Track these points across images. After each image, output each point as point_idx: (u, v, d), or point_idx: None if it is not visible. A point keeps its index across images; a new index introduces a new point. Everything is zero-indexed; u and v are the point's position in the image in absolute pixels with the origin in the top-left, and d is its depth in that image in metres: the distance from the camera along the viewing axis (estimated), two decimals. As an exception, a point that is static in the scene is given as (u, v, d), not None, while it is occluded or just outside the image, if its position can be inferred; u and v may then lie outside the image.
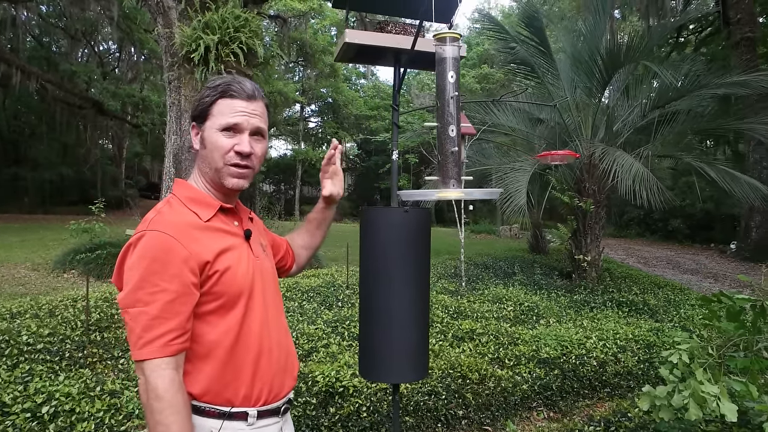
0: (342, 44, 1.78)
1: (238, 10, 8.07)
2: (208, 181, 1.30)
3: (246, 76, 8.71)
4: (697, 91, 7.27)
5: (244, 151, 1.25)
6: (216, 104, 1.25)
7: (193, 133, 1.32)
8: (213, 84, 1.28)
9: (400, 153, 1.94)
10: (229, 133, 1.25)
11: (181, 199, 1.26)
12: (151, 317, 1.10)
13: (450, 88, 1.49)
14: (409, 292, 1.72)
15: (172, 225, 1.17)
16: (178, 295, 1.12)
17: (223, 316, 1.21)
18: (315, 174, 29.06)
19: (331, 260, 9.77)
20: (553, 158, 2.24)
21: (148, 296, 1.10)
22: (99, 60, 24.02)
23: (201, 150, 1.29)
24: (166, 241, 1.13)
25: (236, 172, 1.26)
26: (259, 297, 1.29)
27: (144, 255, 1.13)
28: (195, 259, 1.15)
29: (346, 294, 5.78)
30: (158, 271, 1.11)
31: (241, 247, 1.29)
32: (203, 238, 1.20)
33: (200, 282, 1.17)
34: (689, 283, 9.20)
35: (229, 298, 1.21)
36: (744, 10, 13.26)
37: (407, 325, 1.72)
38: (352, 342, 4.06)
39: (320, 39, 25.63)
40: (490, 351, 4.04)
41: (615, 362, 4.12)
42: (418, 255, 1.74)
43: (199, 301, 1.17)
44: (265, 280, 1.34)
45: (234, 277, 1.22)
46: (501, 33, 8.26)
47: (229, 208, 1.31)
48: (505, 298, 5.99)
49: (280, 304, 1.44)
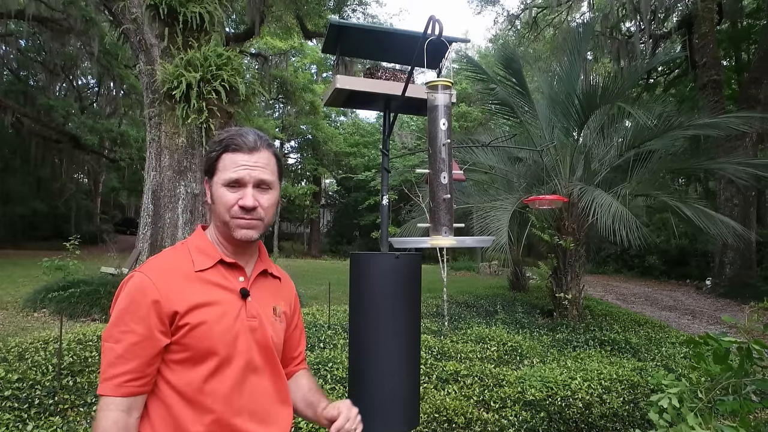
0: (333, 90, 1.78)
1: (220, 48, 8.14)
2: (220, 234, 1.30)
3: (227, 113, 8.74)
4: (670, 131, 7.47)
5: (247, 205, 1.23)
6: (221, 159, 1.25)
7: (206, 188, 1.31)
8: (218, 138, 1.28)
9: (387, 201, 1.93)
10: (234, 188, 1.24)
11: (190, 246, 1.28)
12: (116, 355, 1.11)
13: (442, 135, 1.49)
14: (400, 341, 1.69)
15: (158, 269, 1.19)
16: (142, 339, 1.12)
17: (188, 369, 1.17)
18: (294, 210, 29.03)
19: (312, 298, 9.64)
20: (542, 203, 2.25)
21: (119, 334, 1.13)
22: (77, 94, 23.89)
23: (213, 205, 1.28)
24: (144, 283, 1.15)
25: (243, 223, 1.24)
26: (238, 361, 1.21)
27: (126, 294, 1.16)
28: (165, 305, 1.14)
29: (328, 334, 5.68)
30: (132, 311, 1.13)
31: (231, 304, 1.23)
32: (186, 287, 1.18)
33: (170, 331, 1.15)
34: (668, 319, 9.27)
35: (197, 353, 1.17)
36: (709, 54, 13.81)
37: (398, 374, 1.68)
38: (335, 385, 3.97)
39: (300, 77, 25.93)
40: (475, 393, 3.98)
41: (600, 403, 4.09)
42: (408, 302, 1.71)
43: (168, 347, 1.16)
44: (257, 344, 1.25)
45: (207, 333, 1.17)
46: (480, 74, 8.44)
47: (232, 262, 1.28)
48: (489, 338, 5.95)
49: (278, 373, 1.31)
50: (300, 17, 16.71)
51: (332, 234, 32.81)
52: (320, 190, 30.71)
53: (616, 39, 17.80)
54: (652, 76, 19.88)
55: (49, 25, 16.99)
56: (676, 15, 17.71)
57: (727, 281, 13.07)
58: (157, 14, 7.87)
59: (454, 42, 1.83)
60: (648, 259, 17.80)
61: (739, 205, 13.02)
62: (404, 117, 26.48)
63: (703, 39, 13.91)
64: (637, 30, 17.55)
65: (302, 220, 31.76)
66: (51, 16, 16.51)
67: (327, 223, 33.98)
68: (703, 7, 13.74)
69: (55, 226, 23.20)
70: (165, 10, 7.78)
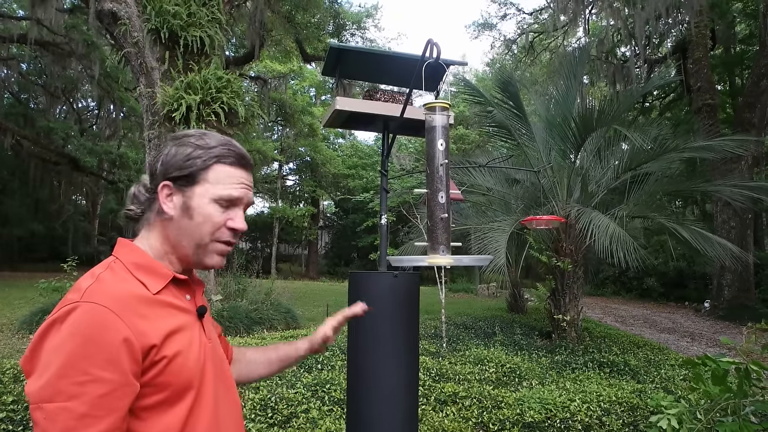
0: (332, 111, 1.81)
1: (220, 71, 8.24)
2: (175, 253, 1.08)
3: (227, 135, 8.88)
4: (666, 154, 7.55)
5: (240, 228, 1.08)
6: (212, 169, 1.05)
7: (164, 195, 1.06)
8: (206, 144, 1.07)
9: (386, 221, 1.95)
10: (224, 207, 1.06)
11: (126, 265, 1.02)
12: (77, 416, 0.83)
13: (440, 155, 1.52)
14: (399, 360, 1.69)
15: (114, 297, 0.93)
16: (115, 387, 0.87)
17: (163, 412, 0.96)
18: (292, 232, 29.02)
19: (309, 320, 9.59)
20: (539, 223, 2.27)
21: (75, 387, 0.84)
22: (77, 117, 24.03)
23: (182, 219, 1.05)
24: (105, 316, 0.89)
25: (224, 250, 1.08)
26: (209, 389, 1.04)
27: (75, 332, 0.86)
28: (139, 341, 0.91)
29: (326, 356, 5.65)
30: (91, 354, 0.86)
31: (193, 328, 1.05)
32: (151, 315, 0.96)
33: (141, 370, 0.92)
34: (667, 342, 9.24)
35: (175, 390, 0.97)
36: (703, 78, 14.00)
37: (396, 395, 1.68)
38: (333, 406, 3.94)
39: (299, 99, 26.19)
40: (473, 415, 3.95)
41: (600, 426, 4.06)
42: (407, 321, 1.72)
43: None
44: (217, 368, 1.09)
45: (184, 364, 0.98)
46: (477, 96, 8.54)
47: (183, 279, 1.08)
48: (487, 359, 5.91)
49: (235, 397, 1.16)
50: (299, 41, 16.94)
51: (330, 256, 32.77)
52: (318, 212, 30.76)
53: (611, 63, 18.07)
54: (648, 100, 20.11)
55: (50, 48, 17.18)
56: (671, 40, 17.99)
57: (726, 304, 13.04)
58: (158, 38, 7.98)
59: (452, 65, 1.86)
60: (646, 281, 17.78)
61: (736, 227, 13.07)
62: (402, 139, 26.67)
63: (697, 64, 14.11)
64: (633, 55, 17.85)
65: (300, 242, 31.73)
66: (53, 40, 16.70)
67: (325, 245, 33.95)
68: (697, 33, 13.97)
69: (52, 247, 23.14)
70: (166, 34, 7.89)
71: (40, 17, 14.26)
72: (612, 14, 16.50)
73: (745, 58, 18.01)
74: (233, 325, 7.90)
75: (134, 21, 8.03)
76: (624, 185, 7.84)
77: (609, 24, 17.83)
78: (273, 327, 8.50)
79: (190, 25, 8.04)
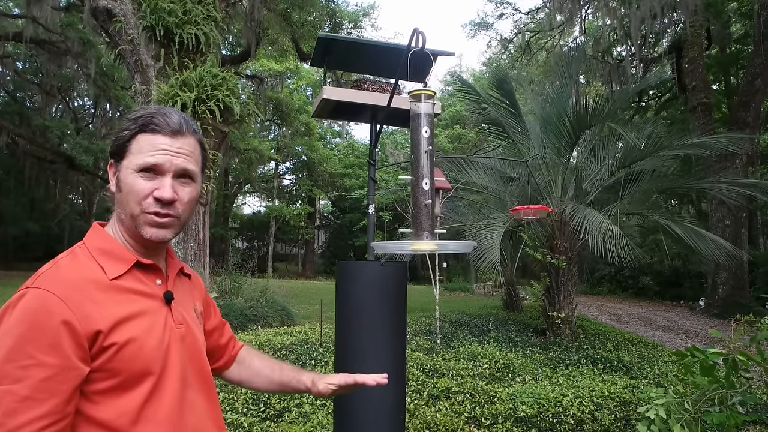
0: (320, 100, 1.82)
1: (215, 68, 8.24)
2: (125, 230, 1.07)
3: (222, 133, 8.79)
4: (660, 151, 7.57)
5: (164, 197, 1.02)
6: (135, 140, 1.04)
7: (111, 173, 1.07)
8: (133, 116, 1.07)
9: (374, 210, 1.96)
10: (149, 175, 1.03)
11: (90, 250, 1.03)
12: (20, 398, 0.85)
13: (424, 142, 1.53)
14: (386, 347, 1.70)
15: (64, 282, 0.93)
16: (57, 371, 0.87)
17: (117, 397, 0.95)
18: (288, 231, 28.98)
19: (304, 318, 9.60)
20: (526, 213, 2.29)
21: (19, 371, 0.86)
22: (73, 115, 23.98)
23: (117, 193, 1.05)
24: (49, 301, 0.90)
25: (155, 221, 1.04)
26: (173, 376, 1.02)
27: (22, 319, 0.88)
28: (83, 325, 0.91)
29: (320, 352, 5.65)
30: (35, 338, 0.87)
31: (157, 313, 1.04)
32: (103, 300, 0.96)
33: (90, 355, 0.92)
34: (661, 339, 9.26)
35: (129, 377, 0.96)
36: (698, 77, 14.04)
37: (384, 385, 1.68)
38: (325, 401, 3.95)
39: (296, 98, 26.14)
40: (466, 410, 3.97)
41: (592, 420, 4.07)
42: (395, 308, 1.73)
43: (88, 377, 0.92)
44: (188, 355, 1.07)
45: (138, 351, 0.96)
46: (473, 95, 8.56)
47: (149, 264, 1.07)
48: (481, 356, 5.93)
49: (209, 387, 1.14)
50: (295, 40, 16.93)
51: (327, 255, 32.73)
52: (315, 211, 30.73)
53: (607, 63, 18.12)
54: (644, 99, 20.18)
55: (46, 47, 17.13)
56: (666, 40, 18.03)
57: (720, 302, 13.08)
58: (153, 35, 7.97)
59: (439, 55, 1.87)
60: (642, 280, 17.82)
61: (730, 225, 13.11)
62: (399, 138, 26.68)
63: (692, 63, 14.15)
64: (628, 54, 17.87)
65: (297, 241, 31.72)
66: (48, 38, 16.65)
67: (322, 244, 33.93)
68: (692, 33, 14.00)
69: (48, 246, 23.04)
70: (161, 32, 7.88)
71: (35, 15, 14.25)
72: (608, 14, 16.54)
73: (740, 58, 18.07)
74: (228, 322, 7.90)
75: (129, 18, 8.02)
76: (618, 184, 7.86)
77: (605, 23, 17.89)
78: (268, 324, 8.51)
79: (186, 23, 8.03)
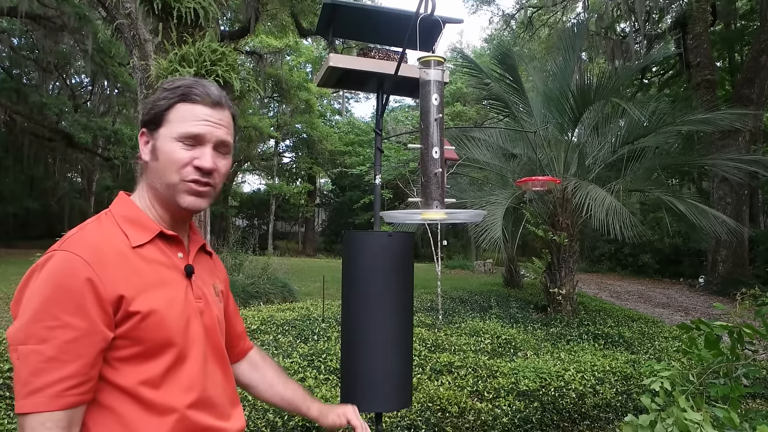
0: (326, 68, 1.78)
1: (215, 44, 8.11)
2: (156, 199, 1.08)
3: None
4: (663, 128, 7.51)
5: (205, 166, 1.04)
6: (174, 109, 1.05)
7: (142, 142, 1.08)
8: (172, 85, 1.07)
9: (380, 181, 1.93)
10: (189, 145, 1.04)
11: (116, 216, 1.04)
12: (45, 358, 0.86)
13: (434, 110, 1.49)
14: (393, 318, 1.69)
15: (90, 246, 0.94)
16: (83, 333, 0.89)
17: (138, 365, 0.96)
18: (289, 209, 28.96)
19: (306, 294, 9.63)
20: (534, 184, 2.26)
21: (45, 331, 0.87)
22: (71, 92, 23.77)
23: (152, 162, 1.06)
24: (76, 264, 0.91)
25: (194, 189, 1.05)
26: (195, 347, 1.03)
27: (48, 280, 0.90)
28: (107, 288, 0.92)
29: (322, 327, 5.68)
30: (61, 300, 0.88)
31: (178, 285, 1.04)
32: (126, 267, 0.96)
33: (115, 322, 0.93)
34: (661, 316, 9.31)
35: (152, 346, 0.97)
36: (703, 54, 13.88)
37: (391, 351, 1.68)
38: (329, 375, 3.97)
39: (295, 75, 25.88)
40: (468, 384, 3.99)
41: (594, 394, 4.10)
42: (401, 280, 1.71)
43: (111, 343, 0.94)
44: (205, 330, 1.08)
45: (161, 322, 0.97)
46: (475, 70, 8.46)
47: (172, 235, 1.08)
48: (482, 331, 5.96)
49: (225, 362, 1.15)
50: (295, 15, 16.68)
51: (327, 233, 32.74)
52: (315, 189, 30.67)
53: (610, 39, 17.87)
54: (647, 76, 19.96)
55: (42, 22, 16.87)
56: (671, 16, 17.77)
57: (720, 279, 13.12)
58: (151, 9, 7.83)
59: (448, 22, 1.83)
60: (642, 257, 17.85)
61: (732, 203, 13.08)
62: (400, 115, 26.48)
63: (696, 39, 13.98)
64: (632, 30, 17.64)
65: (297, 219, 31.71)
66: (44, 13, 16.41)
67: (322, 222, 33.93)
68: (697, 8, 13.81)
69: (48, 225, 23.10)
70: (159, 5, 7.74)
71: (30, -11, 14.02)
72: (612, -12, 16.30)
73: (746, 34, 17.84)
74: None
75: (126, -9, 7.89)
76: (621, 161, 7.82)
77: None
78: (269, 300, 8.54)
79: (184, -4, 7.89)
